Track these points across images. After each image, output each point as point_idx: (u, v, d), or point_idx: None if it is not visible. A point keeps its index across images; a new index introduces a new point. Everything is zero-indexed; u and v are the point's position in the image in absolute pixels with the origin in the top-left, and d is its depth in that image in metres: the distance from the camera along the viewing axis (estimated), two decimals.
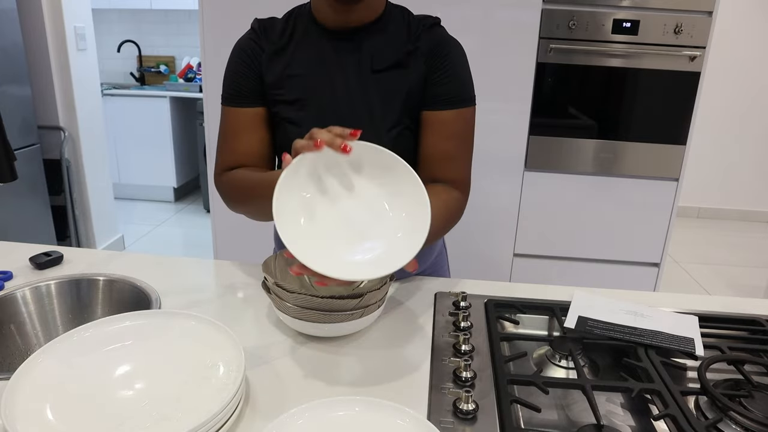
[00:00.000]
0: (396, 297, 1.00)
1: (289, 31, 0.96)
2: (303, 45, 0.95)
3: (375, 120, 0.94)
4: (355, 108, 0.94)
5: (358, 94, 0.94)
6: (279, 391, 0.73)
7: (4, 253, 1.11)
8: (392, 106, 0.94)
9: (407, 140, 0.96)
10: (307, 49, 0.95)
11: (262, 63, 0.95)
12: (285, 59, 0.95)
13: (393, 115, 0.94)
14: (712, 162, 4.24)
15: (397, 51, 0.93)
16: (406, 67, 0.93)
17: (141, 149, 4.17)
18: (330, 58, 0.94)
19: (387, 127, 0.94)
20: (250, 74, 0.96)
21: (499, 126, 1.92)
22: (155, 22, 4.53)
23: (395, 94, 0.93)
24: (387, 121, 0.94)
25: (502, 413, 0.67)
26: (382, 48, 0.93)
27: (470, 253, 2.07)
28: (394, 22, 0.95)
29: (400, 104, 0.94)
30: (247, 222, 2.08)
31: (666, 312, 0.93)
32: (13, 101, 2.56)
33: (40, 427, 0.59)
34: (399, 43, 0.94)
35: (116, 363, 0.70)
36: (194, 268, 1.10)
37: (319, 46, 0.94)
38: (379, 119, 0.94)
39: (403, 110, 0.94)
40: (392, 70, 0.93)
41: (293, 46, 0.95)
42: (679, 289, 3.15)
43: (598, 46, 1.84)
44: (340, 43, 0.94)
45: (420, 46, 0.93)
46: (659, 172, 1.95)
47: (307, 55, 0.95)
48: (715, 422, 0.66)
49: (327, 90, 0.94)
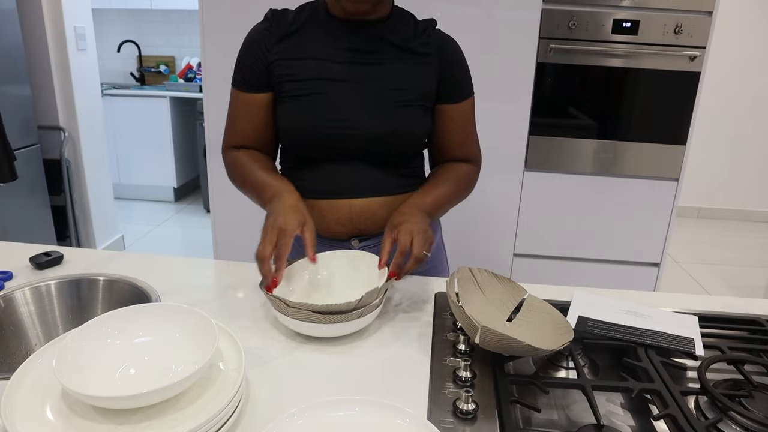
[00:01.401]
0: (396, 297, 1.00)
1: (303, 18, 1.01)
2: (316, 30, 1.00)
3: (389, 97, 0.99)
4: (365, 86, 0.99)
5: (370, 74, 0.99)
6: (279, 391, 0.73)
7: (4, 253, 1.11)
8: (403, 87, 1.00)
9: (421, 118, 1.03)
10: (319, 34, 1.00)
11: (271, 48, 0.99)
12: (297, 41, 0.99)
13: (403, 95, 1.00)
14: (712, 162, 4.24)
15: (407, 42, 1.00)
16: (421, 57, 1.01)
17: (141, 149, 4.17)
18: (341, 43, 0.99)
19: (401, 103, 1.00)
20: (258, 62, 1.00)
21: (499, 126, 1.92)
22: (155, 22, 4.53)
23: (409, 76, 1.00)
24: (401, 98, 1.00)
25: (502, 413, 0.67)
26: (393, 39, 1.00)
27: (470, 253, 2.07)
28: (402, 21, 1.02)
29: (415, 85, 1.00)
30: (247, 222, 2.08)
31: (666, 312, 0.93)
32: (13, 101, 2.56)
33: (40, 427, 0.59)
34: (410, 37, 1.01)
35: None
36: (194, 268, 1.10)
37: (332, 33, 0.99)
38: (393, 96, 0.99)
39: (415, 92, 1.01)
40: (407, 56, 1.00)
41: (306, 30, 1.00)
42: (679, 289, 3.15)
43: (598, 46, 1.84)
44: (353, 33, 0.99)
45: (431, 43, 1.02)
46: (659, 172, 1.95)
47: (319, 39, 0.99)
48: (715, 422, 0.66)
49: (337, 71, 0.98)
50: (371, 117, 0.98)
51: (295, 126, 1.00)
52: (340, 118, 0.98)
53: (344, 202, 1.02)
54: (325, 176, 1.02)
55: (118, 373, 0.70)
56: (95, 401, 0.60)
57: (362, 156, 1.01)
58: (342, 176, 1.02)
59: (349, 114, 0.98)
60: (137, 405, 0.60)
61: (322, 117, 0.98)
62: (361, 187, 1.02)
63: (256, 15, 1.03)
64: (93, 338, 0.71)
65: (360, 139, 0.99)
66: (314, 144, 1.00)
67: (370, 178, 1.02)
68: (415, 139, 1.04)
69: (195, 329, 0.73)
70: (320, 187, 1.02)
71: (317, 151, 1.02)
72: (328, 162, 1.02)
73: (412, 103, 1.00)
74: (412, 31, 1.01)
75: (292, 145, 1.05)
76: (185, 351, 0.72)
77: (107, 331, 0.72)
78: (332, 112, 0.98)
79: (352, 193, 1.02)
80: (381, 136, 0.99)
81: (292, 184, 0.97)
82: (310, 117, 0.98)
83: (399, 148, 1.03)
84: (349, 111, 0.98)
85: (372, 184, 1.02)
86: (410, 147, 1.05)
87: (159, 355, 0.73)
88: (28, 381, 0.65)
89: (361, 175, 1.02)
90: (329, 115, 0.98)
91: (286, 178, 1.00)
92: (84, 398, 0.60)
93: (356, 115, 0.98)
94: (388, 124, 0.99)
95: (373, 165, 1.02)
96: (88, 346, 0.70)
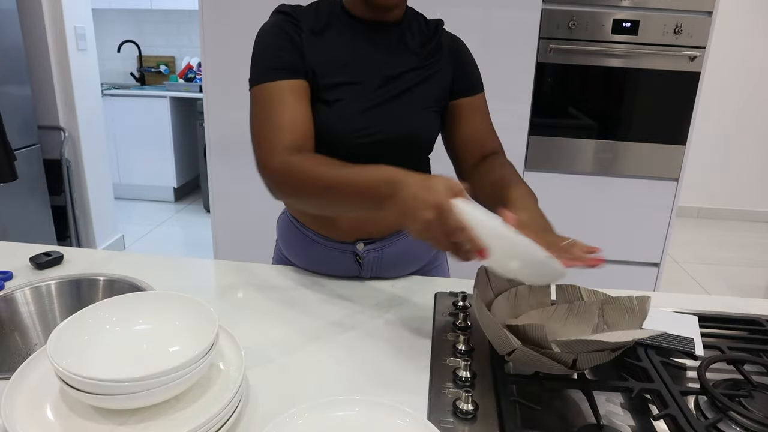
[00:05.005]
0: (396, 297, 1.00)
1: (324, 18, 0.97)
2: (339, 32, 0.97)
3: (412, 101, 0.98)
4: (391, 90, 0.97)
5: (395, 78, 0.97)
6: (279, 391, 0.73)
7: (4, 253, 1.11)
8: (426, 89, 1.00)
9: (436, 121, 1.02)
10: (343, 36, 0.97)
11: (302, 42, 0.93)
12: (322, 42, 0.95)
13: (427, 97, 1.00)
14: (712, 162, 4.24)
15: (424, 44, 1.00)
16: (436, 58, 1.01)
17: (141, 149, 4.17)
18: (363, 46, 0.97)
19: (422, 106, 0.99)
20: (291, 48, 0.92)
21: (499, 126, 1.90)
22: (155, 22, 4.53)
23: (428, 78, 1.00)
24: (422, 102, 0.99)
25: (502, 413, 0.67)
26: (410, 42, 1.00)
27: None
28: (415, 22, 1.02)
29: (432, 88, 1.00)
30: (247, 222, 2.08)
31: (666, 312, 0.93)
32: (13, 101, 2.56)
33: (40, 427, 0.59)
34: (425, 38, 1.01)
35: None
36: (194, 268, 1.10)
37: (353, 35, 0.97)
38: (416, 100, 0.99)
39: (434, 94, 1.00)
40: (423, 58, 1.00)
41: (330, 32, 0.97)
42: (679, 289, 3.15)
43: (598, 46, 1.84)
44: (373, 35, 0.98)
45: (443, 42, 1.02)
46: (659, 172, 1.95)
47: (343, 41, 0.97)
48: (714, 422, 0.66)
49: (359, 74, 0.96)
50: (391, 123, 0.96)
51: (316, 130, 0.94)
52: (360, 125, 0.95)
53: None
54: None
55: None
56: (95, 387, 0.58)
57: (376, 160, 0.97)
58: None
59: (370, 120, 0.95)
60: (141, 390, 0.59)
61: (343, 123, 0.94)
62: None
63: (256, 15, 1.02)
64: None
65: (378, 145, 0.96)
66: (331, 148, 0.94)
67: None
68: (430, 143, 1.04)
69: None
70: None
71: (332, 155, 0.93)
72: None
73: (428, 106, 1.00)
74: (425, 31, 1.01)
75: None
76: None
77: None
78: (353, 119, 0.94)
79: None
80: (399, 142, 0.97)
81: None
82: (331, 122, 0.94)
83: (414, 152, 1.02)
84: (369, 117, 0.95)
85: None
86: (425, 150, 1.05)
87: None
88: (28, 381, 0.65)
89: None
90: (350, 122, 0.94)
91: None
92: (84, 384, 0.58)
93: (376, 121, 0.95)
94: (407, 129, 0.97)
95: None
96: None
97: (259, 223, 1.22)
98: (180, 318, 0.73)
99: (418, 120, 0.99)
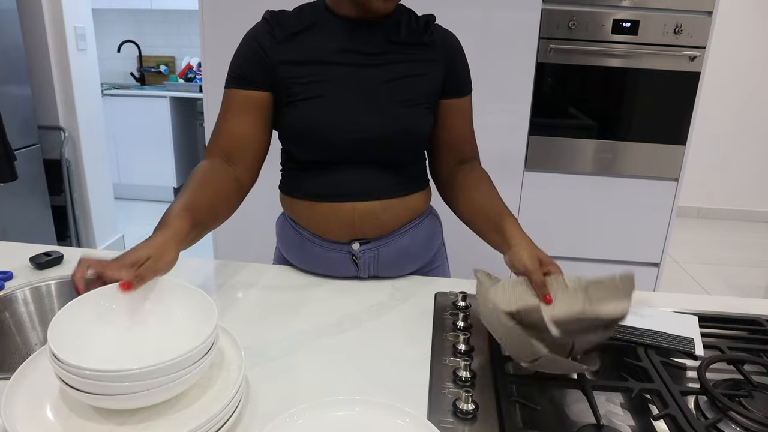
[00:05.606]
0: (396, 297, 1.00)
1: (305, 19, 0.99)
2: (321, 32, 0.98)
3: (398, 97, 0.98)
4: (377, 86, 0.98)
5: (380, 74, 0.98)
6: (279, 391, 0.73)
7: (4, 253, 1.11)
8: (415, 84, 0.99)
9: (426, 116, 1.02)
10: (325, 35, 0.98)
11: (273, 49, 0.97)
12: (302, 43, 0.97)
13: (417, 92, 0.99)
14: (712, 162, 4.24)
15: (412, 39, 1.00)
16: (426, 53, 1.00)
17: (141, 149, 4.17)
18: (348, 45, 0.97)
19: (410, 102, 0.99)
20: (258, 62, 0.97)
21: (499, 126, 1.92)
22: (155, 22, 4.53)
23: (417, 74, 0.99)
24: (410, 97, 0.99)
25: (502, 413, 0.67)
26: (398, 38, 0.99)
27: (470, 254, 2.07)
28: (403, 18, 1.01)
29: (422, 83, 1.00)
30: (247, 222, 2.08)
31: (666, 312, 0.93)
32: (13, 101, 2.56)
33: (40, 427, 0.59)
34: (413, 33, 1.00)
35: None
36: (194, 268, 1.10)
37: (337, 34, 0.98)
38: (403, 95, 0.99)
39: (422, 90, 1.00)
40: (412, 53, 1.00)
41: (311, 32, 0.98)
42: (679, 289, 3.15)
43: (598, 46, 1.84)
44: (359, 33, 0.98)
45: (435, 39, 1.01)
46: (659, 172, 1.95)
47: (325, 40, 0.97)
48: (714, 422, 0.66)
49: (344, 72, 0.97)
50: (380, 119, 0.96)
51: (303, 129, 0.97)
52: (348, 121, 0.96)
53: (347, 205, 1.00)
54: (329, 179, 1.00)
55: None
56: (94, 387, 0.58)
57: (368, 158, 0.99)
58: (346, 179, 0.99)
59: (358, 116, 0.96)
60: (141, 390, 0.59)
61: (331, 120, 0.96)
62: (365, 190, 1.00)
63: (256, 15, 1.03)
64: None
65: (368, 141, 0.97)
66: (321, 147, 0.98)
67: (374, 181, 1.00)
68: (422, 139, 1.03)
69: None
70: (323, 190, 1.00)
71: (323, 154, 0.99)
72: (332, 165, 1.00)
73: (418, 102, 0.99)
74: (414, 27, 1.00)
75: (298, 148, 1.01)
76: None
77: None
78: (341, 115, 0.96)
79: (355, 196, 1.00)
80: (389, 138, 0.98)
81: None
82: (319, 120, 0.96)
83: (406, 149, 1.02)
84: (357, 113, 0.96)
85: (376, 186, 1.00)
86: (417, 147, 1.04)
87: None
88: (28, 381, 0.65)
89: (365, 178, 1.00)
90: (338, 119, 0.96)
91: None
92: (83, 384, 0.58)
93: (364, 118, 0.96)
94: (397, 124, 0.97)
95: (378, 167, 1.00)
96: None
97: (259, 223, 1.22)
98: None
99: (405, 115, 0.98)
